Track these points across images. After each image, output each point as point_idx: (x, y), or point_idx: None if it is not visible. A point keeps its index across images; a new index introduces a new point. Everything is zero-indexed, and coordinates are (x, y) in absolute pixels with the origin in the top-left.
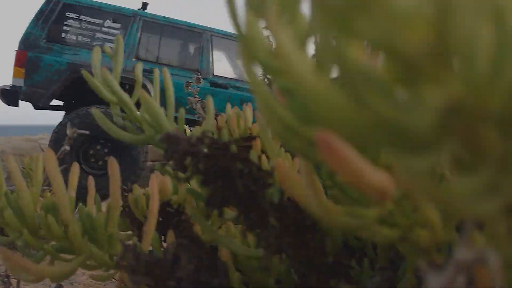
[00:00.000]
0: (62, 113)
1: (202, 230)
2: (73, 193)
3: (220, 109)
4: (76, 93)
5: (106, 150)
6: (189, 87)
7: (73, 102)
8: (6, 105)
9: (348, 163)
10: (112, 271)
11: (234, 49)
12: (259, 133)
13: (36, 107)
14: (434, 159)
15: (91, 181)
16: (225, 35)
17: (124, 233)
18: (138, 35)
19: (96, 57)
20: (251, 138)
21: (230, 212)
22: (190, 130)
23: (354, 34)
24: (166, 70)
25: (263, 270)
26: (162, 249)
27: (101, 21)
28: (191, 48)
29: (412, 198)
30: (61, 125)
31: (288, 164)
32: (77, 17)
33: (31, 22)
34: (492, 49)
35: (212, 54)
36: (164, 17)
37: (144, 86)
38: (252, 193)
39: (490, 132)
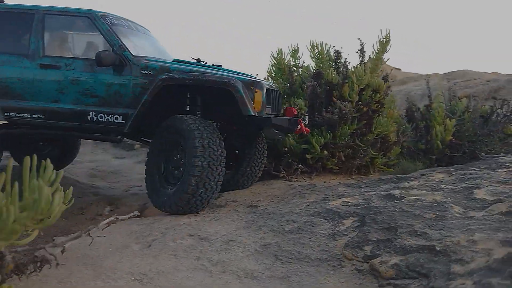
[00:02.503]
0: None
1: None
2: None
3: (49, 91)
4: None
5: None
6: None
7: None
8: None
9: None
10: None
11: (73, 25)
12: None
13: None
14: None
15: None
16: (61, 12)
17: None
18: None
19: None
20: None
21: None
22: None
23: None
24: None
25: None
26: None
27: None
28: (21, 32)
29: None
30: None
31: None
32: None
33: None
34: None
35: (43, 34)
36: None
37: None
38: None
39: None
